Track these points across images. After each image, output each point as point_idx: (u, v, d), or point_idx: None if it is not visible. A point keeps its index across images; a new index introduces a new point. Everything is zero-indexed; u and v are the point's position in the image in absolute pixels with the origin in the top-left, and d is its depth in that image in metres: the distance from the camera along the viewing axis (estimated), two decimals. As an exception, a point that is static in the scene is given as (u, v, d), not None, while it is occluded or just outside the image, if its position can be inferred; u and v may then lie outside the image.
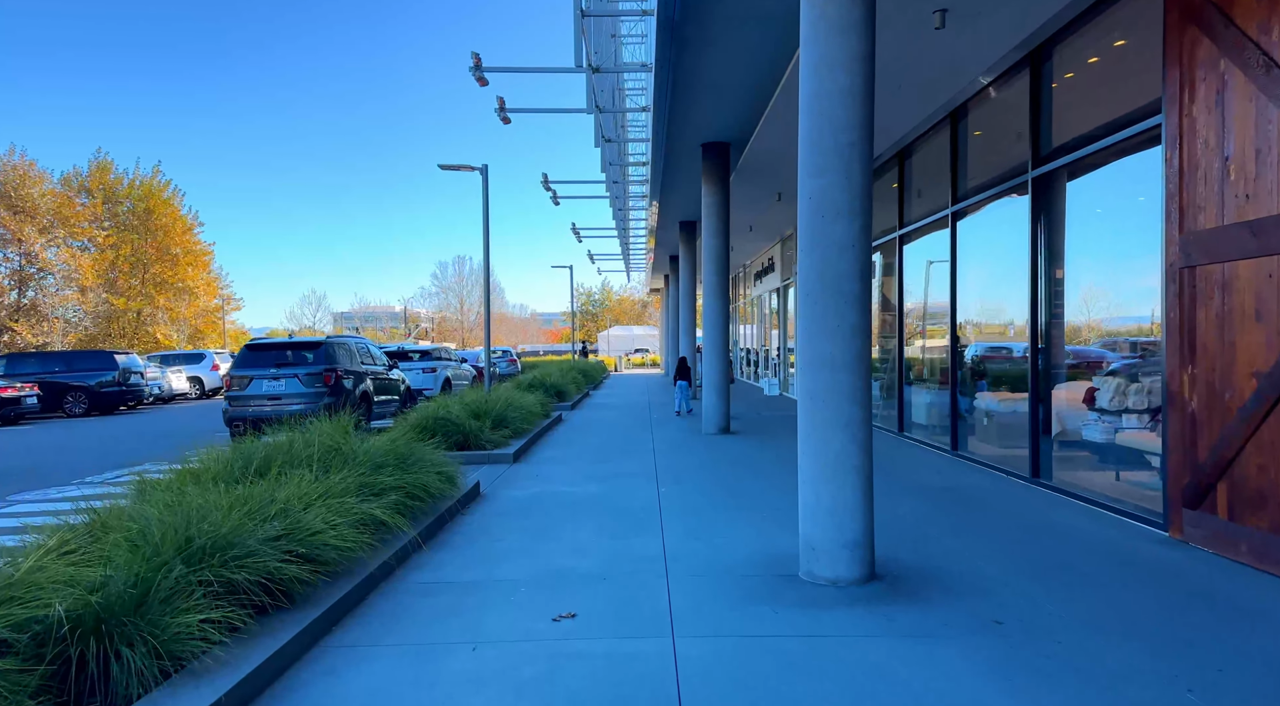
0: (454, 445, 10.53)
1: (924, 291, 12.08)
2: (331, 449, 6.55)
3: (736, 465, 9.71)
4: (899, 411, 12.52)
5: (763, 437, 12.46)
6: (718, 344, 13.28)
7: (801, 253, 5.15)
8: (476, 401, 12.03)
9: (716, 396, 13.22)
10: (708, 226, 13.24)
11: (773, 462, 9.91)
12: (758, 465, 9.72)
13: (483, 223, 13.31)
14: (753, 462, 9.92)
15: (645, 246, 34.63)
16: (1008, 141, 8.82)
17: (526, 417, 12.58)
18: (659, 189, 17.30)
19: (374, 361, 14.37)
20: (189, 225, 47.73)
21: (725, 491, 8.01)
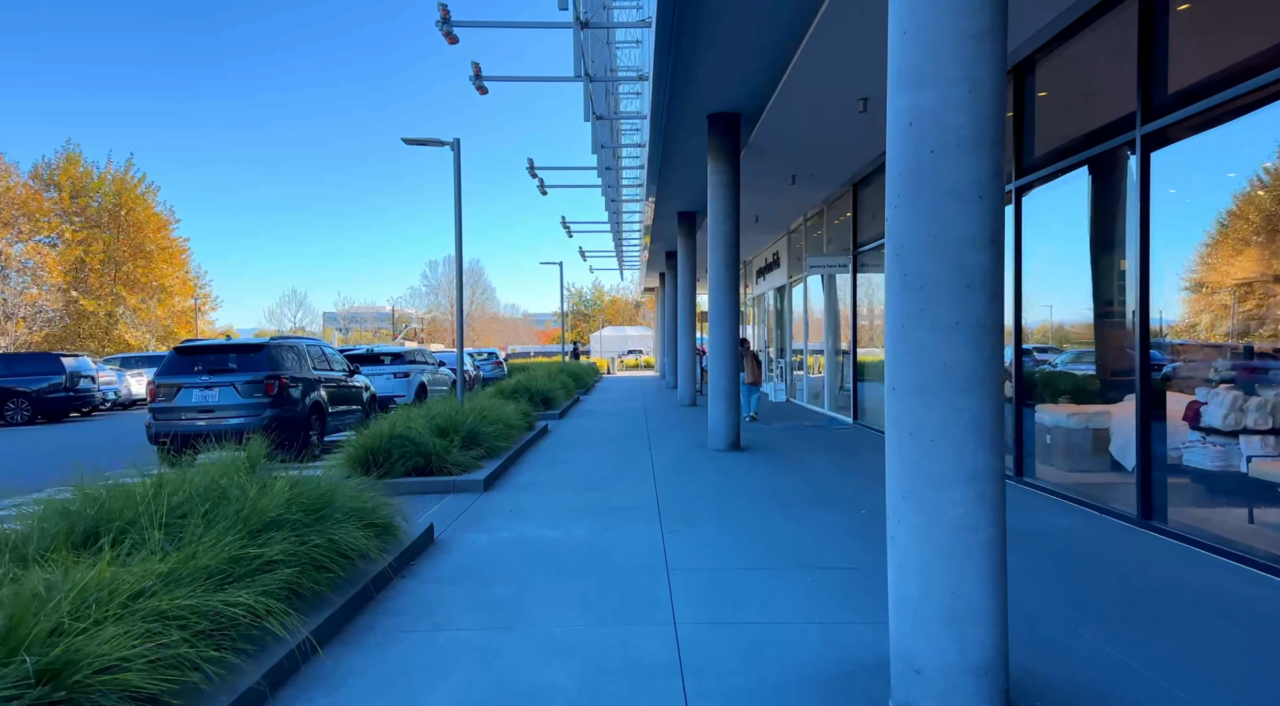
0: (413, 469, 8.71)
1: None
2: (216, 494, 4.72)
3: (759, 496, 7.91)
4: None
5: (781, 456, 10.66)
6: (726, 345, 11.48)
7: (892, 209, 3.35)
8: (446, 413, 10.20)
9: (725, 406, 11.42)
10: (715, 211, 11.45)
11: (804, 493, 8.10)
12: (785, 497, 7.91)
13: (454, 203, 11.50)
14: (779, 493, 8.11)
15: (640, 244, 32.87)
16: (1095, 97, 7.03)
17: (505, 432, 10.75)
18: (656, 174, 15.51)
19: (330, 366, 12.53)
20: (164, 221, 45.74)
21: (752, 538, 6.20)
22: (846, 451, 11.06)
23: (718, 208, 11.42)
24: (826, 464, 9.90)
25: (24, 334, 37.94)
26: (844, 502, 7.52)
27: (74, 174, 43.02)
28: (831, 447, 11.44)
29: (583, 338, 77.97)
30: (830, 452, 10.91)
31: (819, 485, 8.44)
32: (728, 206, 11.40)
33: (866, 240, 13.94)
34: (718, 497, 7.82)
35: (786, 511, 7.16)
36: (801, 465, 9.82)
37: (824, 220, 16.64)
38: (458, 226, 11.58)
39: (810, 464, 9.91)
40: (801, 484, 8.53)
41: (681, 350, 20.14)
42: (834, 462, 9.99)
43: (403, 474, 8.62)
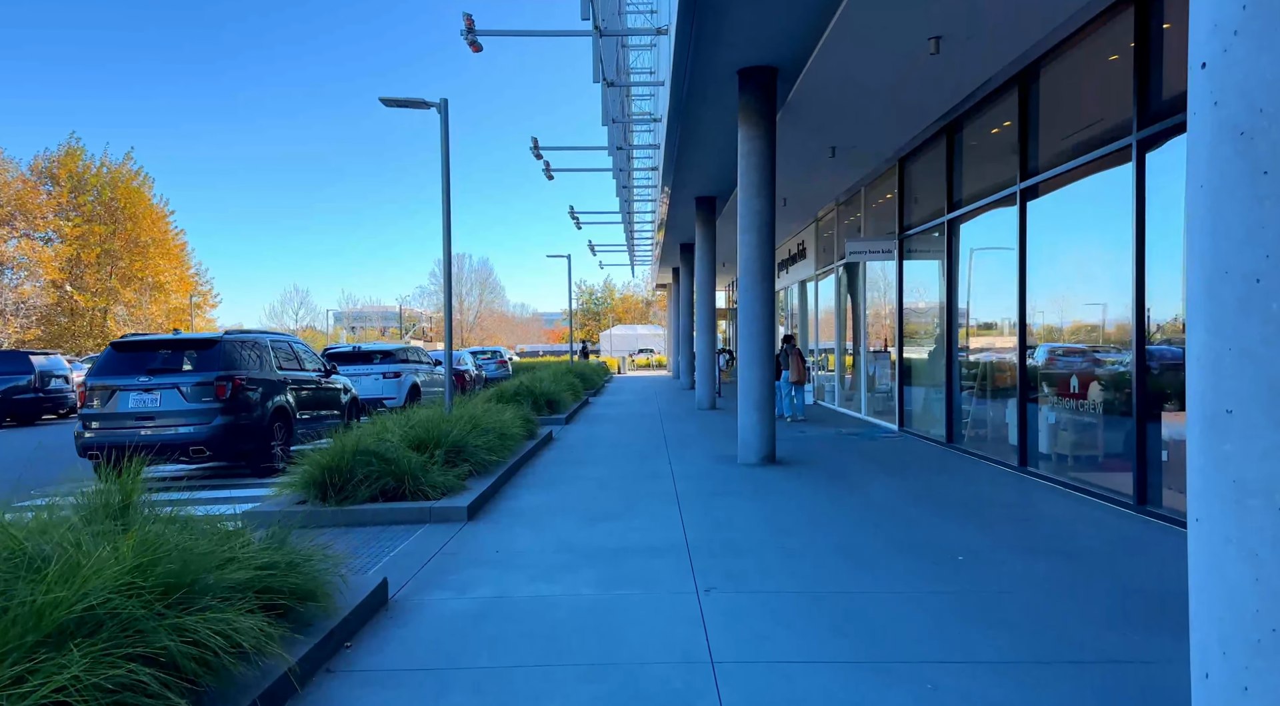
0: (382, 493, 7.06)
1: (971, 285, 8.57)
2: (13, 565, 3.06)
3: (815, 535, 6.20)
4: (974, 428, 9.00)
5: (826, 475, 8.94)
6: (760, 342, 9.77)
7: (1195, 101, 1.63)
8: (429, 422, 8.55)
9: (758, 414, 9.71)
10: (747, 184, 9.73)
11: (871, 530, 6.38)
12: (849, 536, 6.20)
13: (442, 172, 9.83)
14: (839, 531, 6.40)
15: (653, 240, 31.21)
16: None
17: (498, 445, 9.07)
18: (674, 151, 13.80)
19: (300, 364, 10.89)
20: (160, 214, 44.38)
21: (820, 606, 4.50)
22: (903, 468, 9.33)
23: (750, 180, 9.71)
24: (885, 486, 8.18)
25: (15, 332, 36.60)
26: (929, 546, 5.80)
27: (74, 167, 41.71)
28: (883, 463, 9.71)
29: (592, 336, 76.33)
30: (884, 470, 9.19)
31: (887, 518, 6.72)
32: (761, 178, 9.68)
33: (916, 222, 12.20)
34: (761, 536, 6.11)
35: (855, 559, 5.44)
36: (855, 487, 8.10)
37: (861, 203, 14.89)
38: (445, 199, 9.92)
39: (865, 485, 8.19)
40: (863, 516, 6.80)
41: (699, 348, 18.43)
42: (894, 485, 8.27)
43: (367, 499, 6.96)
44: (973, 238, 10.49)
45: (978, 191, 10.02)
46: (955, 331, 10.83)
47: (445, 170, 9.85)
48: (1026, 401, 8.75)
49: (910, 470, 9.12)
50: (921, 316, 12.49)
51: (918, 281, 12.57)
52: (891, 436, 12.27)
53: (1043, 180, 8.34)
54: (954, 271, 10.81)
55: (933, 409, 11.78)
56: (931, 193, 11.69)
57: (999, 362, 9.91)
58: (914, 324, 12.69)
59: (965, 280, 10.66)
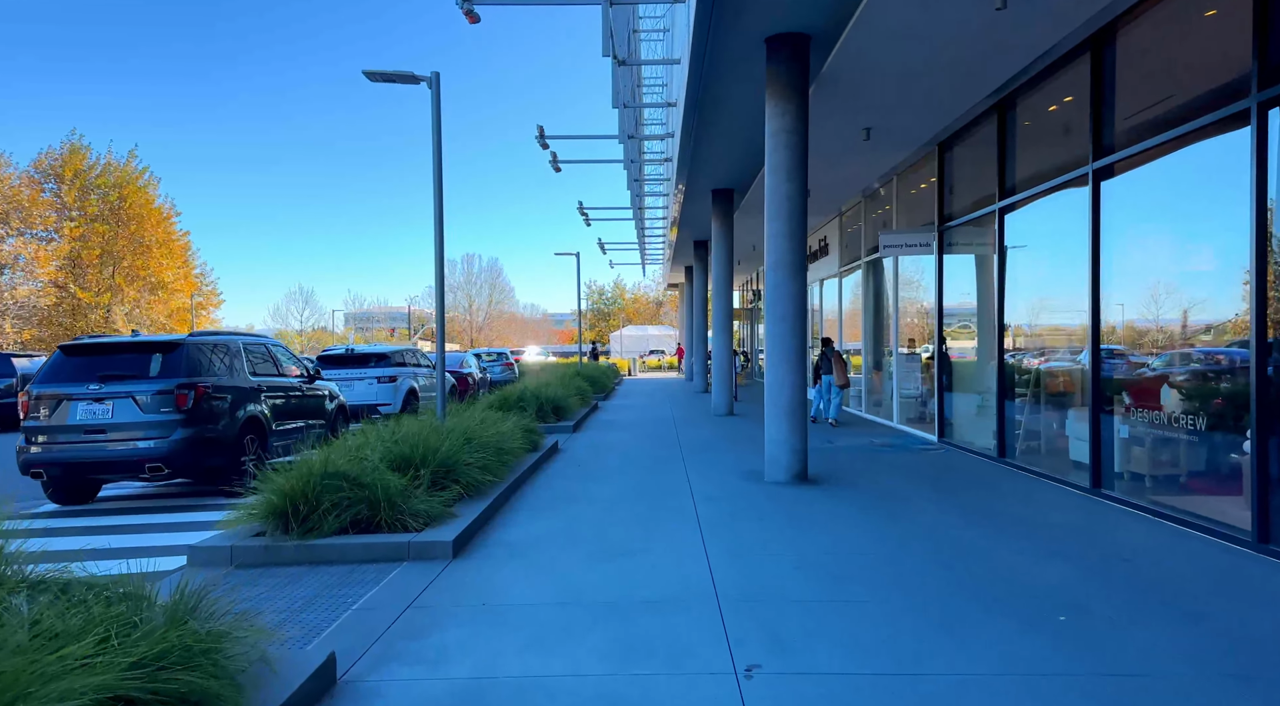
0: (353, 523, 6.00)
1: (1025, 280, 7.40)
2: None
3: (871, 578, 5.10)
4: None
5: (870, 497, 7.84)
6: (790, 343, 8.67)
7: None
8: (416, 436, 7.49)
9: (788, 425, 8.61)
10: (776, 165, 8.63)
11: (938, 573, 5.27)
12: (913, 581, 5.10)
13: (433, 150, 8.77)
14: (901, 574, 5.29)
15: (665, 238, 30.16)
16: None
17: (494, 461, 8.01)
18: (691, 138, 12.72)
19: (279, 369, 9.86)
20: (164, 215, 43.61)
21: (900, 694, 3.40)
22: (955, 488, 8.20)
23: (779, 162, 8.61)
24: (940, 511, 7.06)
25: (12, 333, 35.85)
26: (1017, 596, 4.68)
27: (78, 166, 40.96)
28: (931, 482, 8.59)
29: (602, 337, 75.30)
30: (934, 490, 8.07)
31: (954, 554, 5.61)
32: (792, 160, 8.58)
33: (957, 213, 11.07)
34: (807, 580, 5.02)
35: (932, 617, 4.34)
36: (906, 512, 6.98)
37: (892, 193, 13.76)
38: (437, 180, 8.85)
39: (917, 510, 7.08)
40: (926, 551, 5.69)
41: (716, 350, 17.33)
42: (951, 509, 7.15)
43: (336, 530, 5.90)
44: (1027, 227, 9.36)
45: (1035, 175, 8.88)
46: (1005, 332, 9.69)
47: (436, 148, 8.79)
48: (1100, 412, 7.61)
49: (964, 490, 8.00)
50: (963, 316, 11.36)
51: (959, 277, 11.44)
52: (931, 448, 11.14)
53: (1121, 158, 7.20)
54: (1004, 265, 9.68)
55: (979, 418, 10.65)
56: (976, 180, 10.56)
57: (1062, 367, 8.77)
58: (955, 324, 11.56)
59: (1017, 275, 9.53)
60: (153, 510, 8.28)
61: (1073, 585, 4.86)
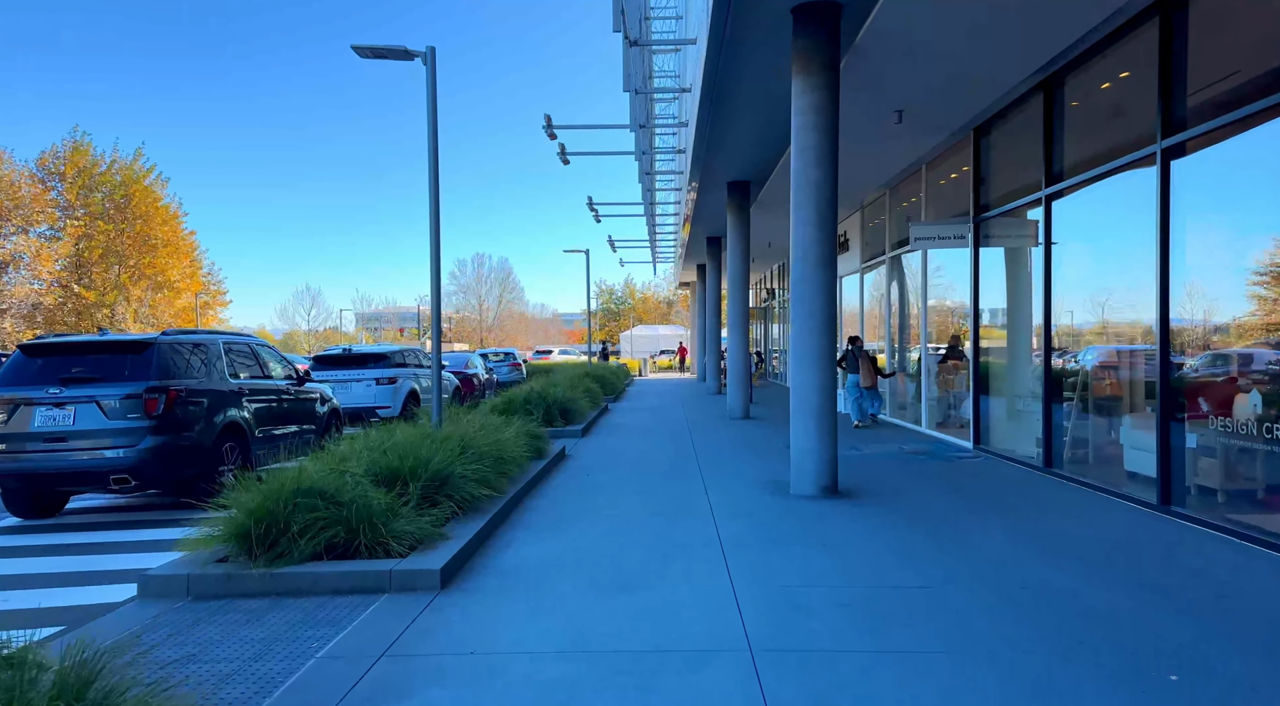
0: (328, 548, 5.27)
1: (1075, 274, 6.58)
2: None
3: (933, 623, 4.32)
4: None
5: (908, 514, 7.05)
6: (818, 342, 7.88)
7: None
8: (407, 445, 6.77)
9: (816, 433, 7.83)
10: (804, 147, 7.85)
11: (1004, 613, 4.48)
12: (979, 622, 4.32)
13: (429, 125, 8.02)
14: (963, 612, 4.52)
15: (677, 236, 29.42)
16: None
17: (492, 474, 7.26)
18: (707, 124, 11.96)
19: (264, 371, 9.15)
20: (171, 214, 43.14)
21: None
22: (1005, 504, 7.40)
23: (807, 144, 7.82)
24: (995, 533, 6.27)
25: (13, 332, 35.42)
26: (1113, 649, 3.89)
27: (81, 164, 40.52)
28: (976, 497, 7.79)
29: (613, 337, 74.57)
30: (982, 507, 7.27)
31: (1024, 590, 4.82)
32: (821, 142, 7.80)
33: (996, 202, 10.26)
34: (854, 626, 4.24)
35: (1004, 674, 3.56)
36: (955, 534, 6.19)
37: (921, 183, 12.94)
38: (432, 158, 8.10)
39: (967, 531, 6.29)
40: (989, 586, 4.90)
41: (731, 350, 16.55)
42: (1006, 531, 6.35)
43: (309, 556, 5.17)
44: (1077, 218, 8.55)
45: (1090, 158, 8.07)
46: (1052, 330, 8.88)
47: (432, 128, 8.04)
48: (1170, 420, 6.79)
49: (1012, 506, 7.20)
50: (1000, 313, 10.54)
51: (997, 273, 10.63)
52: (967, 456, 10.33)
53: (1198, 134, 6.38)
54: (1050, 258, 8.86)
55: (1021, 424, 9.83)
56: (1018, 166, 9.75)
57: (1121, 370, 7.96)
58: (992, 323, 10.74)
59: (1066, 268, 8.72)
60: (121, 525, 7.58)
61: (1170, 630, 4.07)
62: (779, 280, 29.00)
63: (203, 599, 4.94)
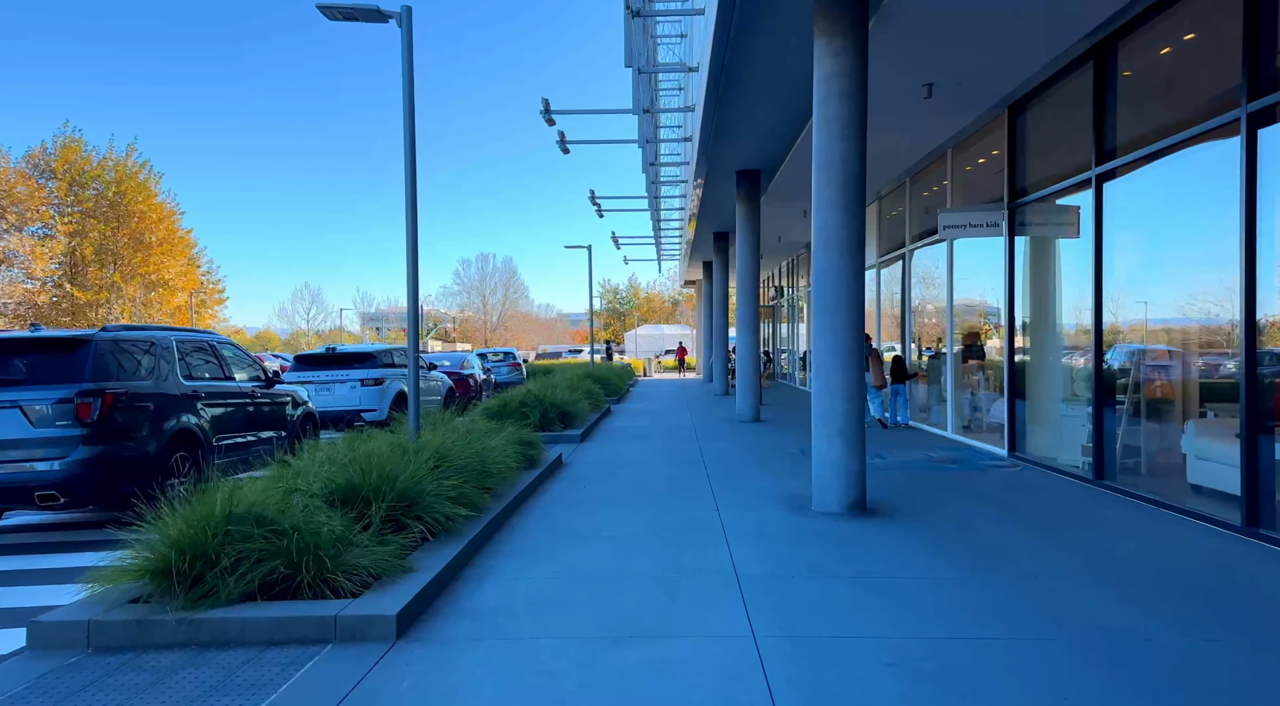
0: (264, 586, 4.36)
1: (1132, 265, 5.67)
2: None
3: (997, 685, 3.39)
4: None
5: (952, 534, 6.12)
6: (844, 340, 6.95)
7: None
8: (374, 459, 5.87)
9: (842, 443, 6.90)
10: (828, 118, 6.92)
11: (1103, 670, 3.55)
12: (1064, 686, 3.38)
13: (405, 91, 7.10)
14: (1051, 676, 3.58)
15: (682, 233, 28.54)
16: None
17: (472, 490, 6.35)
18: (715, 103, 11.04)
19: (225, 372, 8.26)
20: (166, 212, 42.36)
21: None
22: (1054, 522, 6.47)
23: (832, 114, 6.90)
24: (1052, 563, 5.34)
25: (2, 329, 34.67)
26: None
27: (72, 160, 39.76)
28: (1022, 514, 6.85)
29: (617, 337, 73.68)
30: (1032, 529, 6.33)
31: (1106, 644, 3.89)
32: (847, 111, 6.87)
33: (1035, 185, 9.32)
34: (914, 698, 3.31)
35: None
36: (1008, 565, 5.25)
37: (946, 169, 12.00)
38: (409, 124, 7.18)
39: (1021, 560, 5.36)
40: (1063, 636, 3.97)
41: (740, 350, 15.62)
42: (1065, 558, 5.42)
43: (240, 596, 4.27)
44: (1134, 200, 7.61)
45: (1150, 132, 7.13)
46: (1103, 327, 7.94)
47: (408, 94, 7.11)
48: (1259, 430, 5.85)
49: (1074, 528, 6.26)
50: (1041, 309, 9.60)
51: (1034, 263, 9.68)
52: (1002, 465, 9.39)
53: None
54: (1101, 246, 7.92)
55: (1063, 430, 8.90)
56: (1060, 146, 8.82)
57: (1185, 371, 7.02)
58: (1030, 319, 9.79)
59: (1119, 257, 7.78)
60: (49, 549, 6.66)
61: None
62: (788, 277, 28.07)
63: (106, 651, 4.04)
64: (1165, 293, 7.26)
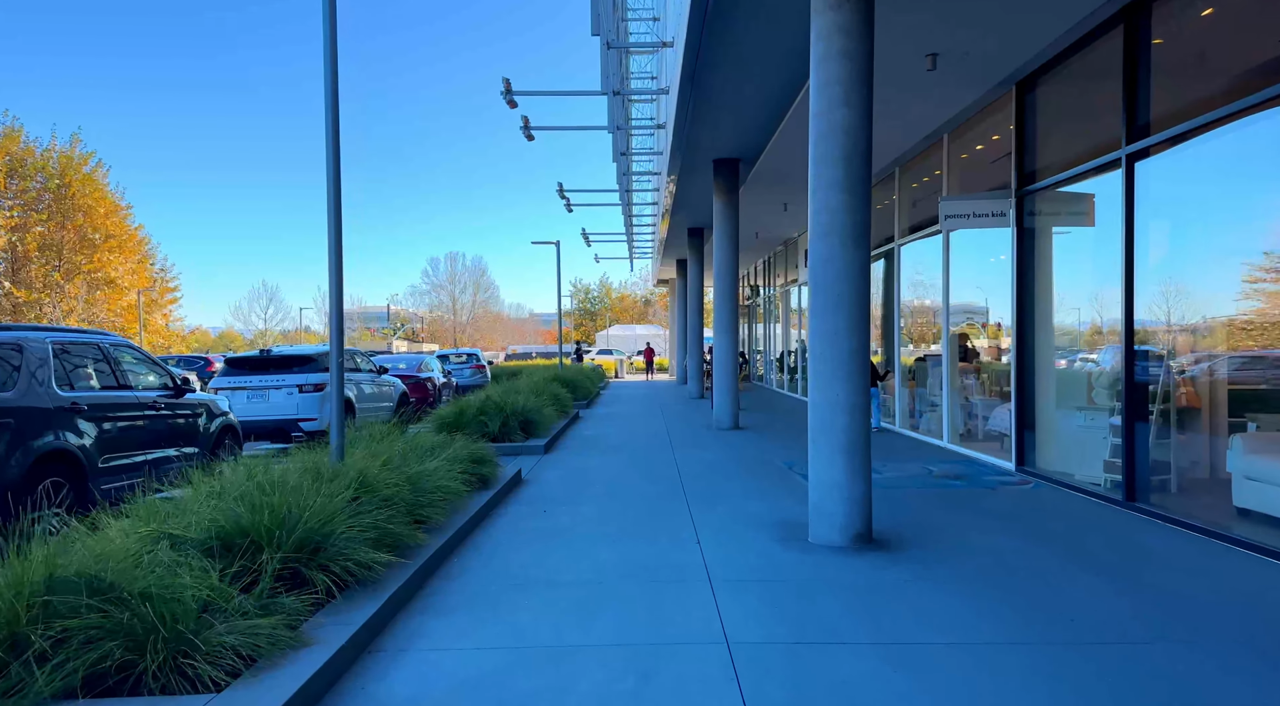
0: (91, 678, 3.19)
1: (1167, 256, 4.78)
2: None
3: None
4: None
5: (979, 573, 5.11)
6: (847, 343, 5.91)
7: None
8: (286, 486, 4.72)
9: (845, 464, 5.87)
10: (829, 80, 5.89)
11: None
12: None
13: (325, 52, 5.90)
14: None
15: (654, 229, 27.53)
16: None
17: (401, 525, 5.20)
18: (691, 83, 10.00)
19: (120, 381, 7.01)
20: (114, 205, 40.36)
21: None
22: (1099, 556, 5.49)
23: (833, 76, 5.86)
24: (1112, 610, 4.35)
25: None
26: None
27: (12, 150, 37.66)
28: (1055, 543, 5.86)
29: (589, 337, 72.45)
30: (1075, 562, 5.34)
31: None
32: (851, 71, 5.84)
33: (1048, 170, 8.39)
34: None
35: None
36: (1075, 625, 4.24)
37: (942, 155, 11.06)
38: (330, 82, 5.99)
39: (1082, 610, 4.34)
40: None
41: (718, 352, 14.60)
42: (1130, 607, 4.42)
43: (61, 693, 3.10)
44: (1171, 182, 6.68)
45: (1192, 103, 6.19)
46: (1134, 327, 7.00)
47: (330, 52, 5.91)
48: None
49: (1124, 564, 5.27)
50: (1055, 306, 8.67)
51: (1045, 255, 8.76)
52: (1011, 481, 8.44)
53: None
54: (1132, 235, 6.98)
55: (1083, 443, 7.96)
56: (1081, 125, 7.89)
57: (1237, 376, 6.10)
58: (1042, 318, 8.86)
59: (1151, 249, 6.85)
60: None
61: None
62: (765, 275, 27.15)
63: None
64: (1205, 285, 6.34)
